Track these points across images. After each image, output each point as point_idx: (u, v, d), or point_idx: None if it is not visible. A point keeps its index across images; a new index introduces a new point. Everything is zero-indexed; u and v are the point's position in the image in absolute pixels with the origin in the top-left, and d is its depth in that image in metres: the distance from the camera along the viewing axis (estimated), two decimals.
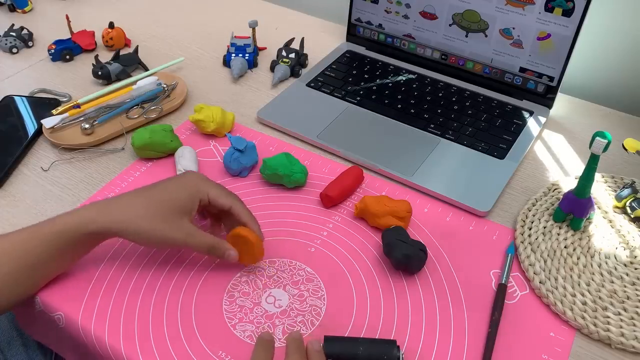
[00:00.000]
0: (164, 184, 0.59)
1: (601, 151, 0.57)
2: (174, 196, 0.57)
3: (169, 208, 0.56)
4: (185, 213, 0.57)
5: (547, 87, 0.81)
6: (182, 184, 0.58)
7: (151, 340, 0.54)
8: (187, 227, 0.56)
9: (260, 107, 0.82)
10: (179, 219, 0.56)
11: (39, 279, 0.57)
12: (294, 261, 0.62)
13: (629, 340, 0.55)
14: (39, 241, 0.54)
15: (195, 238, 0.57)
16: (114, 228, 0.55)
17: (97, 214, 0.55)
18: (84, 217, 0.55)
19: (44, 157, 0.75)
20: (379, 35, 0.93)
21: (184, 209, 0.57)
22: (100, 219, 0.55)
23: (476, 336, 0.55)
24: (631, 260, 0.62)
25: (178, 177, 0.60)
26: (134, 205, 0.56)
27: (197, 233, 0.57)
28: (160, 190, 0.58)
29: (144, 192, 0.58)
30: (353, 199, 0.69)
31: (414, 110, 0.81)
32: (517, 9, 0.78)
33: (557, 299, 0.58)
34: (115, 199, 0.58)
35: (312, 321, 0.56)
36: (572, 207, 0.64)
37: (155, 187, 0.58)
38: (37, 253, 0.55)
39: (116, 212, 0.56)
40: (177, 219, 0.56)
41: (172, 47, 0.97)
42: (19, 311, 0.64)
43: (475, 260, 0.62)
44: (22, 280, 0.55)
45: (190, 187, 0.58)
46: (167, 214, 0.56)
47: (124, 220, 0.55)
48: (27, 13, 1.06)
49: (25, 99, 0.84)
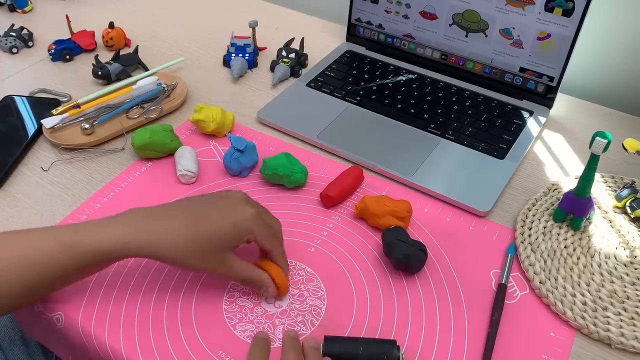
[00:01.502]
0: (214, 216, 0.54)
1: (601, 151, 0.57)
2: (222, 236, 0.53)
3: (215, 246, 0.53)
4: (229, 249, 0.54)
5: (547, 87, 0.81)
6: (234, 222, 0.54)
7: (151, 340, 0.54)
8: (228, 260, 0.54)
9: (260, 107, 0.82)
10: (222, 254, 0.54)
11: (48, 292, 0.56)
12: (294, 261, 0.62)
13: (629, 340, 0.55)
14: (69, 256, 0.51)
15: (234, 270, 0.55)
16: (153, 255, 0.52)
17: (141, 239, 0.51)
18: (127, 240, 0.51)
19: (44, 157, 0.75)
20: (379, 35, 0.93)
21: (230, 245, 0.54)
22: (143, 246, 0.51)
23: (476, 336, 0.55)
24: (631, 260, 0.62)
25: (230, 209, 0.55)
26: (180, 240, 0.52)
27: (237, 265, 0.55)
28: (209, 224, 0.53)
29: (193, 224, 0.53)
30: (353, 199, 0.69)
31: (414, 110, 0.81)
32: (517, 9, 0.78)
33: (557, 299, 0.58)
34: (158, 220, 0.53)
35: (312, 321, 0.56)
36: (572, 207, 0.64)
37: (204, 220, 0.53)
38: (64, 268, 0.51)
39: (160, 242, 0.52)
40: (220, 254, 0.54)
41: (172, 47, 0.97)
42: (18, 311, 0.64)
43: (475, 260, 0.62)
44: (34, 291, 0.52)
45: (241, 226, 0.54)
46: (212, 250, 0.53)
47: (166, 253, 0.52)
48: (27, 13, 1.06)
49: (25, 99, 0.84)
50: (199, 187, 0.70)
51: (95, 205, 0.68)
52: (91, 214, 0.67)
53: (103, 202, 0.68)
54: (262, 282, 0.56)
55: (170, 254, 0.52)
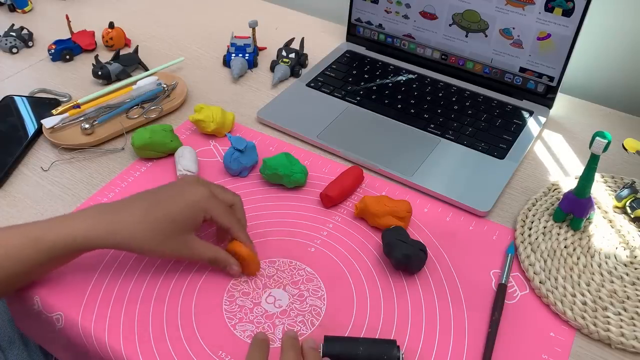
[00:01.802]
0: (168, 200, 0.56)
1: (601, 151, 0.57)
2: (178, 217, 0.55)
3: (173, 229, 0.55)
4: (189, 230, 0.56)
5: (547, 87, 0.81)
6: (187, 202, 0.56)
7: (151, 341, 0.54)
8: (190, 242, 0.57)
9: (260, 107, 0.82)
10: (183, 236, 0.56)
11: (19, 285, 0.58)
12: (294, 261, 0.62)
13: (629, 340, 0.55)
14: (36, 250, 0.53)
15: (197, 251, 0.57)
16: (117, 246, 0.55)
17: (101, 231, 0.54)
18: (88, 232, 0.54)
19: (44, 157, 0.75)
20: (379, 35, 0.93)
21: (188, 227, 0.56)
22: (105, 236, 0.54)
23: (476, 336, 0.55)
24: (631, 260, 0.62)
25: (182, 191, 0.57)
26: (139, 226, 0.55)
27: (200, 246, 0.57)
28: (164, 208, 0.55)
29: (149, 210, 0.55)
30: (353, 199, 0.69)
31: (414, 110, 0.81)
32: (517, 9, 0.78)
33: (557, 299, 0.58)
34: (117, 212, 0.56)
35: (312, 321, 0.56)
36: (572, 207, 0.64)
37: (159, 205, 0.56)
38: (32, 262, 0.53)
39: (121, 231, 0.54)
40: (180, 236, 0.56)
41: (172, 47, 0.97)
42: (16, 310, 0.64)
43: (475, 260, 0.62)
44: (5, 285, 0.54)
45: (195, 206, 0.56)
46: (171, 233, 0.55)
47: (128, 241, 0.54)
48: (27, 13, 1.06)
49: (25, 99, 0.84)
50: None
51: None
52: None
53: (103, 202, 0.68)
54: (226, 262, 0.58)
55: (132, 242, 0.55)
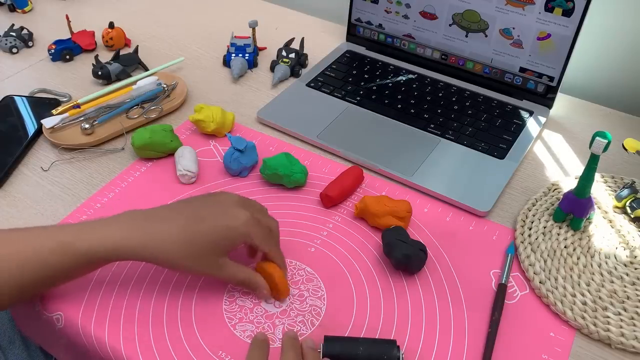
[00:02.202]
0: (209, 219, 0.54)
1: (601, 151, 0.57)
2: (217, 239, 0.53)
3: (209, 250, 0.53)
4: (224, 253, 0.54)
5: (547, 87, 0.81)
6: (229, 226, 0.54)
7: (151, 341, 0.54)
8: (222, 263, 0.55)
9: (260, 107, 0.82)
10: (216, 258, 0.54)
11: (41, 291, 0.56)
12: (294, 261, 0.62)
13: (629, 340, 0.55)
14: (65, 256, 0.51)
15: (228, 273, 0.55)
16: (148, 259, 0.53)
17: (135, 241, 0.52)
18: (121, 242, 0.51)
19: (44, 157, 0.75)
20: (379, 35, 0.93)
21: (225, 249, 0.54)
22: (138, 249, 0.52)
23: (476, 336, 0.55)
24: (631, 260, 0.62)
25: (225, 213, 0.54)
26: (175, 243, 0.52)
27: (232, 268, 0.55)
28: (204, 229, 0.53)
29: (187, 228, 0.53)
30: (353, 199, 0.69)
31: (414, 110, 0.81)
32: (517, 9, 0.78)
33: (557, 299, 0.58)
34: (152, 223, 0.53)
35: (312, 321, 0.56)
36: (572, 207, 0.64)
37: (199, 224, 0.53)
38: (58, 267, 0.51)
39: (154, 245, 0.52)
40: (214, 259, 0.54)
41: (172, 47, 0.97)
42: (16, 310, 0.64)
43: (475, 260, 0.62)
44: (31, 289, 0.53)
45: (236, 231, 0.54)
46: (206, 253, 0.53)
47: (161, 256, 0.52)
48: (27, 13, 1.06)
49: (25, 99, 0.84)
50: (199, 187, 0.70)
51: (95, 205, 0.68)
52: (91, 214, 0.67)
53: (103, 202, 0.68)
54: (256, 285, 0.56)
55: (164, 257, 0.53)
